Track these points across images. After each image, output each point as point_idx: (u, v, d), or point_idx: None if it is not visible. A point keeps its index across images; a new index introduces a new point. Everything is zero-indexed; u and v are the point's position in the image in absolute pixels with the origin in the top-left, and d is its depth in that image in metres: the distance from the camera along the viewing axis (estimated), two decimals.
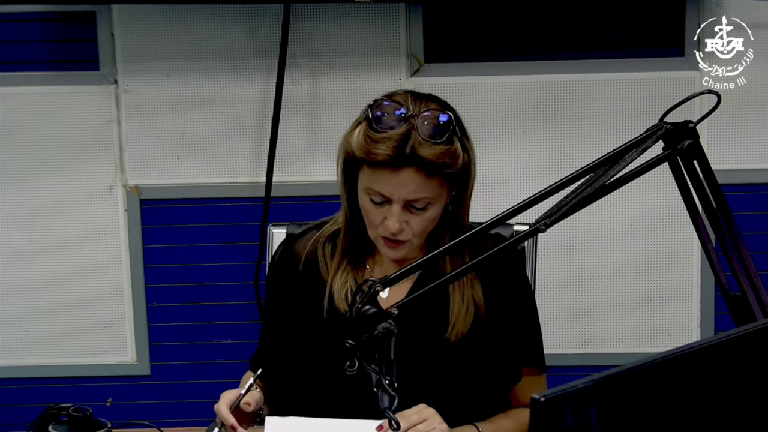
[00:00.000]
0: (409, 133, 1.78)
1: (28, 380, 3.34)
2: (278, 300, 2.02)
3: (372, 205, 1.84)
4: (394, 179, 1.79)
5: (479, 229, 1.62)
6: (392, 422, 1.58)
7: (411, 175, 1.79)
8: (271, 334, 2.03)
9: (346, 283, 1.94)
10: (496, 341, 1.92)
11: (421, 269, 1.74)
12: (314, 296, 1.96)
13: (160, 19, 3.17)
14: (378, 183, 1.81)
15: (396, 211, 1.81)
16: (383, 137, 1.78)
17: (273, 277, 2.06)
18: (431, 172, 1.80)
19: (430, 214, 1.84)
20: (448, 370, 1.90)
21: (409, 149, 1.78)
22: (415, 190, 1.80)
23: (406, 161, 1.78)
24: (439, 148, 1.79)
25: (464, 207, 1.91)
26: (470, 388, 1.92)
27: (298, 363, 1.97)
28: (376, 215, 1.84)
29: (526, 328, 1.97)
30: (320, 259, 1.97)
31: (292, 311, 1.99)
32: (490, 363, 1.92)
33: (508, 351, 1.94)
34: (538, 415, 1.08)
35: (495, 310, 1.92)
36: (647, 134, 1.58)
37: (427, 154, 1.78)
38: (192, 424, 3.31)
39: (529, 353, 1.97)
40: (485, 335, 1.91)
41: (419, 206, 1.83)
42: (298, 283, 1.99)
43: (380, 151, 1.78)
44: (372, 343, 1.56)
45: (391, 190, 1.80)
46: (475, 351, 1.91)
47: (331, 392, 1.93)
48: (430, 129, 1.79)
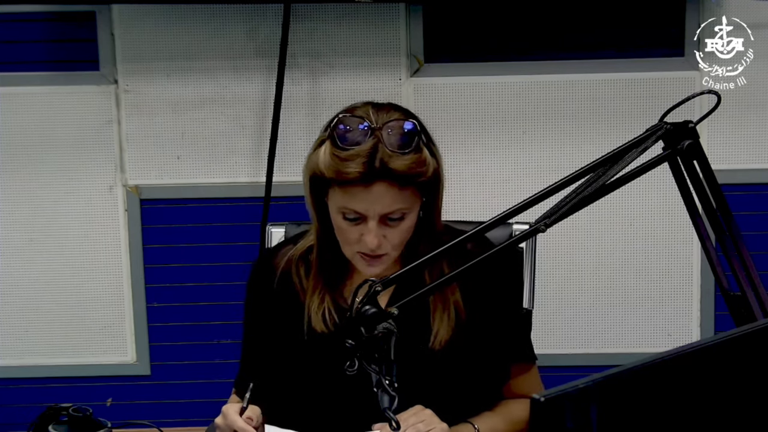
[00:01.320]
0: (377, 147, 1.75)
1: (28, 380, 3.34)
2: (258, 319, 1.99)
3: (347, 223, 1.80)
4: (368, 195, 1.76)
5: (477, 231, 1.61)
6: (392, 422, 1.57)
7: (384, 189, 1.76)
8: (253, 356, 2.01)
9: (323, 302, 1.90)
10: (480, 343, 1.91)
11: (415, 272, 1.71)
12: (292, 316, 1.93)
13: (160, 19, 3.17)
14: (352, 201, 1.77)
15: (373, 227, 1.78)
16: (351, 154, 1.74)
17: (252, 294, 2.01)
18: (404, 184, 1.77)
19: (406, 225, 1.82)
20: (435, 378, 1.88)
21: (379, 163, 1.74)
22: (390, 203, 1.77)
23: (377, 176, 1.74)
24: (409, 158, 1.76)
25: (436, 212, 1.89)
26: (458, 393, 1.90)
27: (283, 383, 1.94)
28: (352, 233, 1.81)
29: (510, 326, 1.95)
30: (294, 279, 1.94)
31: (272, 331, 1.97)
32: (477, 366, 1.91)
33: (494, 352, 1.92)
34: (538, 415, 1.08)
35: (476, 312, 1.90)
36: (647, 134, 1.58)
37: (397, 166, 1.75)
38: (192, 424, 3.32)
39: (516, 350, 1.96)
40: (468, 339, 1.89)
41: (395, 217, 1.79)
42: (275, 302, 1.96)
43: (351, 169, 1.74)
44: (372, 343, 1.56)
45: (366, 206, 1.77)
46: (460, 356, 1.89)
47: (318, 409, 1.93)
48: (397, 139, 1.76)
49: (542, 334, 3.07)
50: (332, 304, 1.90)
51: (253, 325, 2.01)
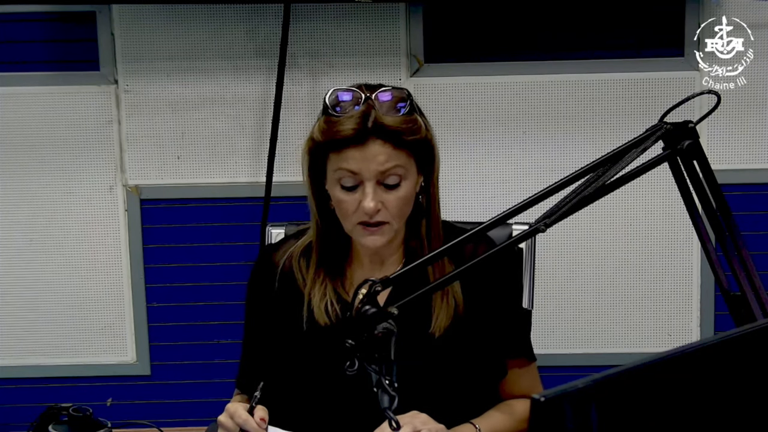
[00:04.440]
0: (369, 111, 1.80)
1: (28, 380, 3.34)
2: (259, 316, 2.00)
3: (344, 192, 1.82)
4: (362, 154, 1.79)
5: (478, 230, 1.61)
6: (392, 422, 1.57)
7: (378, 147, 1.79)
8: (255, 351, 2.01)
9: (325, 295, 1.91)
10: (477, 337, 1.91)
11: (422, 267, 1.72)
12: (293, 311, 1.94)
13: (160, 19, 3.17)
14: (347, 161, 1.80)
15: (370, 190, 1.80)
16: (344, 118, 1.80)
17: (252, 292, 2.02)
18: (398, 143, 1.80)
19: (403, 192, 1.83)
20: (434, 367, 1.89)
21: (372, 122, 1.79)
22: (384, 161, 1.79)
23: (370, 133, 1.78)
24: (401, 117, 1.81)
25: (433, 195, 1.90)
26: (456, 386, 1.91)
27: (285, 379, 1.94)
28: (350, 202, 1.82)
29: (509, 322, 1.96)
30: (296, 274, 1.94)
31: (273, 327, 1.97)
32: (474, 359, 1.92)
33: (491, 347, 1.93)
34: (538, 415, 1.08)
35: (475, 309, 1.91)
36: (647, 134, 1.58)
37: (390, 122, 1.79)
38: (192, 424, 3.32)
39: (514, 346, 1.97)
40: (466, 332, 1.90)
41: (391, 183, 1.81)
42: (277, 299, 1.97)
43: (344, 127, 1.79)
44: (372, 343, 1.56)
45: (360, 165, 1.79)
46: (458, 346, 1.90)
47: (321, 405, 1.93)
48: (389, 103, 1.82)
49: (542, 334, 3.08)
50: (334, 295, 1.91)
51: (255, 322, 2.01)
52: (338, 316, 1.90)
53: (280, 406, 1.89)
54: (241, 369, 2.03)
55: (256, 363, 1.98)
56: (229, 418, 1.76)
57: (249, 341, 2.03)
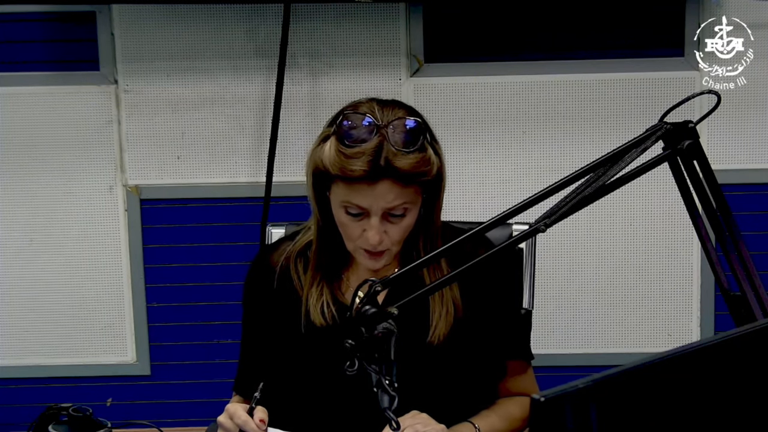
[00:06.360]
0: (382, 145, 1.76)
1: (28, 380, 3.34)
2: (257, 318, 2.00)
3: (349, 218, 1.82)
4: (372, 192, 1.77)
5: (474, 232, 1.61)
6: (392, 422, 1.57)
7: (388, 186, 1.77)
8: (253, 354, 2.01)
9: (322, 296, 1.91)
10: (477, 340, 1.91)
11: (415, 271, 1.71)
12: (290, 312, 1.94)
13: (160, 19, 3.17)
14: (355, 197, 1.78)
15: (375, 224, 1.79)
16: (356, 152, 1.76)
17: (250, 293, 2.02)
18: (408, 182, 1.78)
19: (408, 221, 1.83)
20: (433, 373, 1.89)
21: (384, 161, 1.75)
22: (392, 199, 1.78)
23: (382, 174, 1.76)
24: (413, 157, 1.77)
25: (437, 209, 1.90)
26: (456, 389, 1.91)
27: (284, 380, 1.94)
28: (354, 228, 1.82)
29: (508, 323, 1.96)
30: (293, 275, 1.94)
31: (271, 329, 1.97)
32: (473, 362, 1.92)
33: (491, 348, 1.93)
34: (538, 415, 1.08)
35: (474, 309, 1.91)
36: (647, 134, 1.58)
37: (402, 165, 1.76)
38: (192, 424, 3.32)
39: (513, 348, 1.97)
40: (465, 335, 1.90)
41: (397, 213, 1.81)
42: (274, 300, 1.97)
43: (356, 167, 1.75)
44: (372, 343, 1.56)
45: (369, 202, 1.78)
46: (457, 352, 1.90)
47: (318, 407, 1.93)
48: (402, 138, 1.77)
49: (542, 334, 3.09)
50: (330, 297, 1.91)
51: (253, 323, 2.01)
52: (335, 318, 1.90)
53: (279, 407, 1.89)
54: (239, 373, 2.03)
55: (255, 366, 1.98)
56: (229, 419, 1.77)
57: (247, 344, 2.03)
